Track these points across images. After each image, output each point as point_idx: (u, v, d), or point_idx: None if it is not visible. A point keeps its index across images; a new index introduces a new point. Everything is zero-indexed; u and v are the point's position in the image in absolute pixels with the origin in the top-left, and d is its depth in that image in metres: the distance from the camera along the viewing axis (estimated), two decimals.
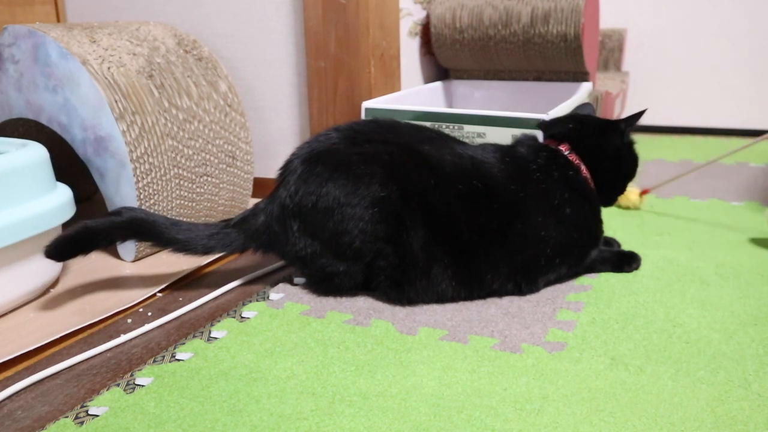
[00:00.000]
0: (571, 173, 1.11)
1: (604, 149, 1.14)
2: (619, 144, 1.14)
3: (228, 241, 1.08)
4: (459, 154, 1.09)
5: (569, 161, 1.12)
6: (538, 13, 1.69)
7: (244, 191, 1.47)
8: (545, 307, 1.04)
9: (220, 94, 1.39)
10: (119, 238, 1.05)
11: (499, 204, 1.05)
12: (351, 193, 1.02)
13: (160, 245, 1.06)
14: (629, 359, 0.88)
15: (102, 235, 1.03)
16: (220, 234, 1.08)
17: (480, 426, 0.75)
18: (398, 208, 1.02)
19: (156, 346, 0.95)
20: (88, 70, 1.18)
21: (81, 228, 1.02)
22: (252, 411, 0.78)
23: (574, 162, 1.12)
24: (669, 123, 2.53)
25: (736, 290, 1.09)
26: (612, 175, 1.16)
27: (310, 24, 1.53)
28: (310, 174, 1.04)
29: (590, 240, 1.13)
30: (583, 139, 1.14)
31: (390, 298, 1.06)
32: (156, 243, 1.06)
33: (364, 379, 0.84)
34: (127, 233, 1.05)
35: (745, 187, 1.71)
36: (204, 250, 1.07)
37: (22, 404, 0.81)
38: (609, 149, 1.14)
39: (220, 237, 1.08)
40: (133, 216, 1.05)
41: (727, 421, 0.75)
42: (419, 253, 1.02)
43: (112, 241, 1.05)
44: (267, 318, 1.02)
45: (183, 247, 1.06)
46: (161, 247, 1.07)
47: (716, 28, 2.40)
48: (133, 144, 1.19)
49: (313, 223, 1.04)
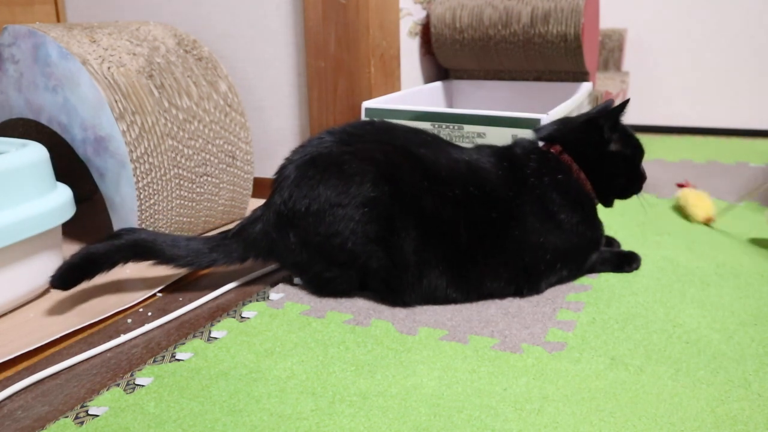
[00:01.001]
0: (561, 176, 1.09)
1: (587, 148, 1.11)
2: (599, 141, 1.10)
3: (228, 252, 1.09)
4: (455, 158, 1.08)
5: (560, 163, 1.10)
6: (538, 13, 1.69)
7: (244, 191, 1.47)
8: (545, 307, 1.04)
9: (220, 94, 1.39)
10: (122, 261, 1.06)
11: (497, 210, 1.05)
12: (342, 193, 1.01)
13: (163, 263, 1.07)
14: (629, 359, 0.88)
15: (104, 260, 1.05)
16: (220, 246, 1.09)
17: (480, 426, 0.75)
18: (390, 209, 1.01)
19: (156, 346, 0.95)
20: (88, 70, 1.19)
21: (84, 255, 1.04)
22: (252, 411, 0.78)
23: (566, 163, 1.10)
24: (669, 123, 2.53)
25: (736, 290, 1.09)
26: (602, 174, 1.11)
27: (310, 24, 1.53)
28: (303, 178, 1.04)
29: (590, 244, 1.12)
30: (568, 138, 1.12)
31: (385, 301, 1.06)
32: (159, 262, 1.07)
33: (364, 379, 0.84)
34: (129, 255, 1.06)
35: (745, 187, 1.71)
36: (207, 264, 1.09)
37: (22, 404, 0.81)
38: (592, 147, 1.11)
39: (221, 249, 1.09)
40: (134, 238, 1.06)
41: (727, 421, 0.75)
42: (412, 256, 1.01)
43: (114, 264, 1.06)
44: (267, 318, 1.02)
45: (186, 264, 1.08)
46: (164, 264, 1.07)
47: (716, 28, 2.40)
48: (133, 144, 1.19)
49: (306, 228, 1.04)
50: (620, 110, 1.10)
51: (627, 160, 1.13)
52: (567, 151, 1.11)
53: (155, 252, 1.06)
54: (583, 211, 1.10)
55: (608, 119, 1.09)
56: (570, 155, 1.11)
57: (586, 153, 1.11)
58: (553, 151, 1.11)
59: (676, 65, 2.48)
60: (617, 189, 1.14)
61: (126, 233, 1.07)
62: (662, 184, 1.72)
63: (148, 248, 1.06)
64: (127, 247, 1.05)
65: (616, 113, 1.09)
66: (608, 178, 1.12)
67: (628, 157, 1.13)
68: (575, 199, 1.09)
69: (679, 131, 2.52)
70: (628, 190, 1.15)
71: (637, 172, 1.14)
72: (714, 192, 1.65)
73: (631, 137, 1.13)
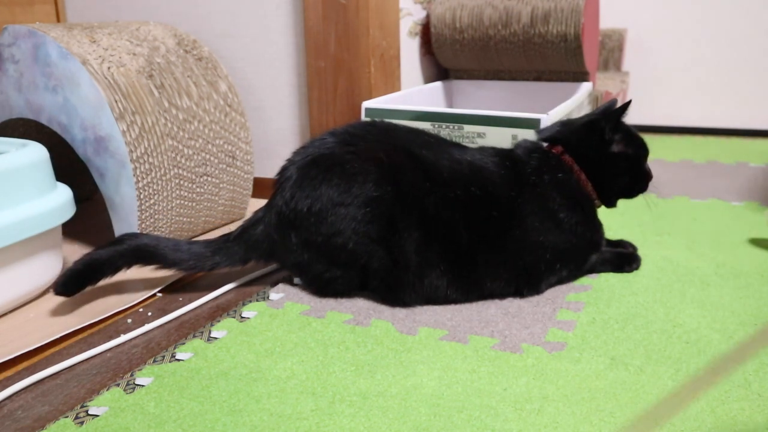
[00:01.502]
0: (561, 175, 1.09)
1: (588, 149, 1.11)
2: (601, 142, 1.10)
3: (230, 254, 1.09)
4: (457, 159, 1.08)
5: (561, 163, 1.10)
6: (538, 13, 1.69)
7: (244, 191, 1.47)
8: (545, 307, 1.04)
9: (220, 94, 1.39)
10: (125, 266, 1.06)
11: (498, 210, 1.05)
12: (344, 192, 1.01)
13: (166, 268, 1.07)
14: (629, 359, 0.88)
15: (107, 266, 1.05)
16: (222, 249, 1.09)
17: (480, 426, 0.75)
18: (392, 209, 1.01)
19: (156, 346, 0.95)
20: (88, 70, 1.18)
21: (87, 261, 1.04)
22: (252, 411, 0.78)
23: (567, 163, 1.10)
24: (669, 123, 2.53)
25: (736, 290, 1.09)
26: (604, 175, 1.11)
27: (310, 24, 1.53)
28: (305, 178, 1.04)
29: (589, 245, 1.12)
30: (570, 140, 1.12)
31: (385, 301, 1.06)
32: (161, 266, 1.07)
33: (364, 379, 0.84)
34: (132, 260, 1.07)
35: (745, 187, 1.71)
36: (210, 267, 1.09)
37: (22, 404, 0.81)
38: (593, 149, 1.11)
39: (223, 252, 1.09)
40: (136, 243, 1.06)
41: (727, 421, 0.75)
42: (413, 256, 1.01)
43: (117, 270, 1.06)
44: (267, 318, 1.02)
45: (189, 267, 1.08)
46: (167, 269, 1.08)
47: (716, 28, 2.40)
48: (133, 144, 1.19)
49: (308, 228, 1.04)
50: (622, 111, 1.09)
51: (630, 160, 1.12)
52: (569, 152, 1.11)
53: (158, 257, 1.06)
54: (582, 212, 1.10)
55: (609, 120, 1.09)
56: (571, 156, 1.11)
57: (588, 154, 1.11)
58: (555, 152, 1.11)
59: (676, 65, 2.48)
60: (620, 189, 1.14)
61: (128, 238, 1.07)
62: (663, 184, 1.72)
63: (151, 253, 1.06)
64: (130, 253, 1.06)
65: (617, 114, 1.09)
66: (610, 179, 1.12)
67: (631, 157, 1.12)
68: (575, 199, 1.09)
69: (679, 131, 2.52)
70: (633, 189, 1.15)
71: (641, 172, 1.14)
72: (714, 192, 1.65)
73: (634, 137, 1.13)
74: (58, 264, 1.13)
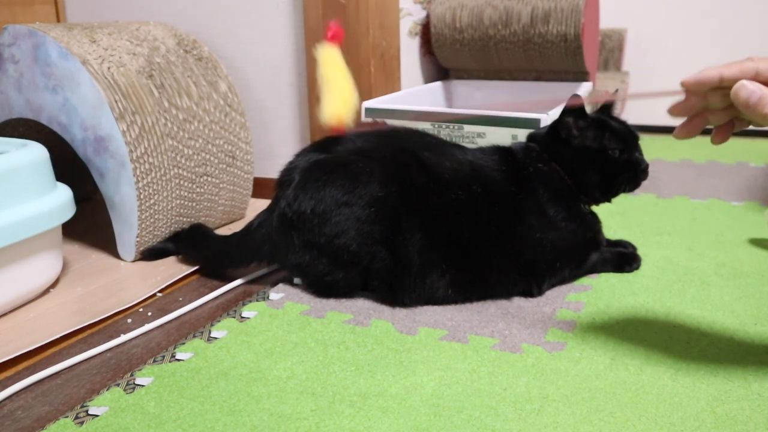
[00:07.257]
0: (542, 167, 1.08)
1: (556, 145, 1.09)
2: (564, 137, 1.08)
3: (232, 256, 1.12)
4: (458, 160, 1.08)
5: (542, 157, 1.10)
6: (538, 13, 1.69)
7: (244, 191, 1.47)
8: (545, 307, 1.04)
9: (220, 94, 1.39)
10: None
11: (499, 207, 1.05)
12: (349, 193, 1.01)
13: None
14: (629, 359, 0.88)
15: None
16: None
17: (480, 426, 0.75)
18: (396, 210, 1.01)
19: (156, 346, 0.95)
20: (88, 70, 1.18)
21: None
22: (252, 411, 0.78)
23: (546, 159, 1.10)
24: (669, 123, 2.52)
25: (736, 290, 1.09)
26: (573, 170, 1.09)
27: (310, 24, 1.53)
28: (309, 179, 1.04)
29: (588, 242, 1.12)
30: (541, 137, 1.12)
31: (386, 301, 1.06)
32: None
33: (364, 379, 0.84)
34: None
35: (745, 187, 1.71)
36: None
37: (22, 404, 0.81)
38: (560, 144, 1.09)
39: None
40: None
41: (727, 421, 0.75)
42: (415, 257, 1.01)
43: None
44: (267, 318, 1.02)
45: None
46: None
47: (716, 28, 2.40)
48: (133, 144, 1.19)
49: (311, 230, 1.03)
50: (581, 106, 1.05)
51: (593, 154, 1.07)
52: (543, 150, 1.11)
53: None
54: (568, 207, 1.08)
55: (572, 114, 1.06)
56: (547, 154, 1.10)
57: (557, 150, 1.10)
58: (536, 149, 1.11)
59: (676, 65, 2.47)
60: (596, 185, 1.09)
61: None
62: (663, 184, 1.72)
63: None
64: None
65: (580, 108, 1.05)
66: (580, 174, 1.09)
67: (595, 151, 1.07)
68: (559, 192, 1.08)
69: None
70: (612, 185, 1.09)
71: (614, 166, 1.07)
72: (714, 192, 1.65)
73: (607, 131, 1.07)
74: (58, 264, 1.13)
